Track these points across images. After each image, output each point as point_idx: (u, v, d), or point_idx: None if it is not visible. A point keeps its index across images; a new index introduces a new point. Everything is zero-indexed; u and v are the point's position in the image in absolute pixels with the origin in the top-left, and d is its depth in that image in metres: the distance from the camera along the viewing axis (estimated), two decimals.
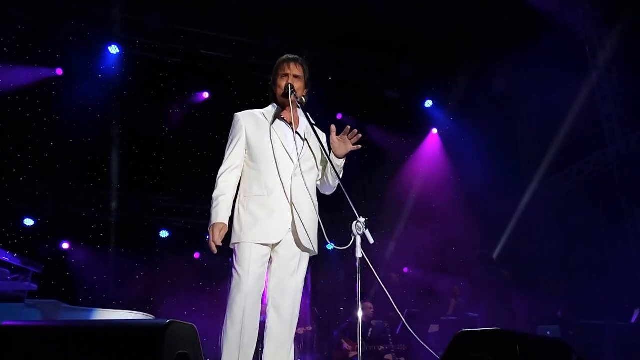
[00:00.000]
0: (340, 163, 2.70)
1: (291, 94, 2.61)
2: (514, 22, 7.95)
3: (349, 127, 2.65)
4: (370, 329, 6.54)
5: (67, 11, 7.49)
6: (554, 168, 8.34)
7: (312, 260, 2.72)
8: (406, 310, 6.78)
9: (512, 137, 9.10)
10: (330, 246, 9.06)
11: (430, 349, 2.67)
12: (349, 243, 2.33)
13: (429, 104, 9.38)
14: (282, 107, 2.73)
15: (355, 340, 6.34)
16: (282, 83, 2.68)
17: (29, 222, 7.79)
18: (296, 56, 2.74)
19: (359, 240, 2.29)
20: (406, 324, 2.75)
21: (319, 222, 2.67)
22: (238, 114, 2.75)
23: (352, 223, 2.31)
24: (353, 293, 6.80)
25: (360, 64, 8.83)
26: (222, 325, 2.45)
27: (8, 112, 7.42)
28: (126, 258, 8.10)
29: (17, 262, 4.15)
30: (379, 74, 8.95)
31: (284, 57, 2.74)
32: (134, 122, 8.10)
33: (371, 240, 2.25)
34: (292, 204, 2.53)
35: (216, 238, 2.49)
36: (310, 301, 7.60)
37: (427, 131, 9.65)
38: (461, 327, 2.06)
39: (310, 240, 2.59)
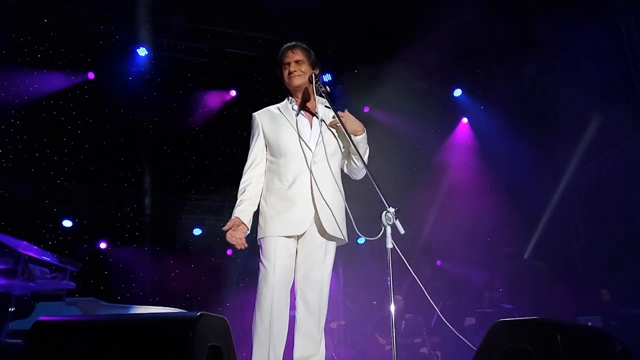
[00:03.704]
0: (358, 139, 2.62)
1: (315, 83, 2.59)
2: (543, 6, 7.69)
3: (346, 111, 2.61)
4: (404, 322, 6.48)
5: (96, 17, 7.65)
6: (589, 155, 8.07)
7: (344, 254, 2.70)
8: (440, 302, 6.69)
9: (544, 124, 8.84)
10: (361, 240, 9.03)
11: (467, 341, 2.61)
12: (378, 234, 2.29)
13: (457, 93, 9.20)
14: (296, 97, 2.74)
15: (388, 333, 6.29)
16: (285, 73, 2.70)
17: (67, 223, 8.01)
18: (293, 42, 2.74)
19: (389, 230, 2.26)
20: (441, 316, 2.70)
21: (347, 210, 2.63)
22: (254, 113, 2.78)
23: (381, 213, 2.27)
24: (385, 286, 6.74)
25: (385, 55, 8.72)
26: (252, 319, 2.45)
27: (44, 116, 7.64)
28: (161, 256, 8.25)
29: (55, 261, 4.28)
30: (406, 64, 8.82)
31: (282, 48, 2.74)
32: (164, 122, 8.23)
33: (402, 231, 2.23)
34: (313, 193, 2.51)
35: (225, 227, 2.52)
36: (342, 295, 7.59)
37: (457, 121, 9.47)
38: (498, 319, 1.99)
39: (339, 226, 2.56)
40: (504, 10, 7.35)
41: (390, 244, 2.25)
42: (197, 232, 8.87)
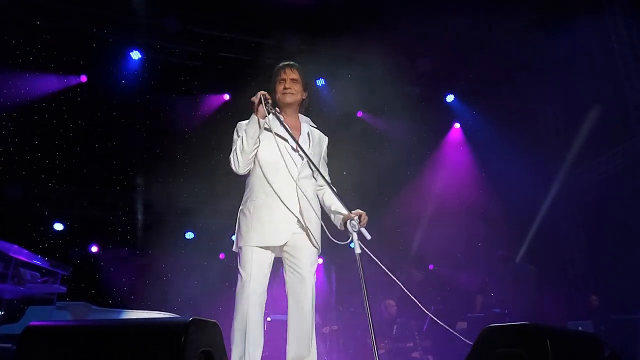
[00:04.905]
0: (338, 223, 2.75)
1: (265, 104, 2.62)
2: (536, 10, 7.76)
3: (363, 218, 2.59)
4: (395, 326, 6.48)
5: (89, 19, 7.63)
6: (581, 160, 8.14)
7: (336, 259, 2.78)
8: (432, 307, 6.70)
9: (536, 129, 8.91)
10: (353, 244, 9.04)
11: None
12: (348, 240, 2.50)
13: (450, 98, 9.27)
14: (283, 112, 2.81)
15: (380, 338, 6.30)
16: (280, 87, 2.79)
17: (58, 226, 7.97)
18: (291, 62, 2.87)
19: (355, 236, 2.42)
20: (434, 318, 2.76)
21: (322, 225, 2.75)
22: (241, 122, 2.85)
23: (346, 222, 2.49)
24: (377, 291, 6.76)
25: (379, 60, 8.74)
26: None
27: (35, 119, 7.59)
28: (153, 260, 8.20)
29: (46, 265, 4.26)
30: (399, 69, 8.86)
31: (280, 64, 2.87)
32: (157, 125, 8.20)
33: (368, 237, 2.42)
34: (295, 208, 2.63)
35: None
36: (334, 300, 7.59)
37: (449, 126, 9.53)
38: (489, 324, 2.01)
39: (316, 240, 2.69)
40: (497, 16, 7.41)
41: (358, 249, 2.38)
42: (189, 235, 8.83)
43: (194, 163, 8.60)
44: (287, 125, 2.71)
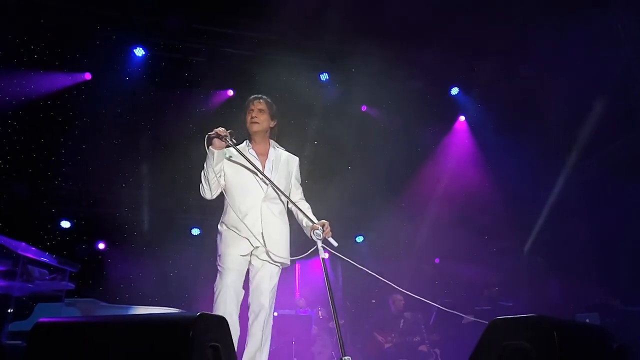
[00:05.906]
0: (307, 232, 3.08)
1: (221, 138, 3.09)
2: (542, 3, 7.69)
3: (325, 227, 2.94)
4: (402, 320, 6.50)
5: (93, 17, 7.62)
6: (586, 152, 8.09)
7: (343, 253, 2.93)
8: (439, 300, 6.69)
9: (541, 121, 8.85)
10: (359, 239, 9.06)
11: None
12: (311, 251, 2.86)
13: (454, 91, 9.23)
14: (253, 140, 3.28)
15: (387, 332, 6.32)
16: (248, 118, 3.27)
17: (65, 224, 8.00)
18: (259, 95, 3.34)
19: (319, 244, 2.74)
20: (442, 307, 2.85)
21: (290, 236, 3.17)
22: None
23: (311, 232, 2.82)
24: (383, 284, 6.75)
25: (382, 54, 8.71)
26: None
27: (41, 117, 7.62)
28: (160, 256, 8.23)
29: (54, 263, 4.29)
30: (403, 63, 8.82)
31: (250, 97, 3.34)
32: (162, 122, 8.21)
33: (335, 244, 2.81)
34: (262, 224, 3.03)
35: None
36: (341, 295, 7.60)
37: (454, 119, 9.49)
38: (497, 316, 2.01)
39: (281, 254, 3.06)
40: (501, 8, 7.36)
41: (323, 254, 2.70)
42: (195, 232, 8.86)
43: (199, 159, 8.60)
44: (254, 152, 3.20)
